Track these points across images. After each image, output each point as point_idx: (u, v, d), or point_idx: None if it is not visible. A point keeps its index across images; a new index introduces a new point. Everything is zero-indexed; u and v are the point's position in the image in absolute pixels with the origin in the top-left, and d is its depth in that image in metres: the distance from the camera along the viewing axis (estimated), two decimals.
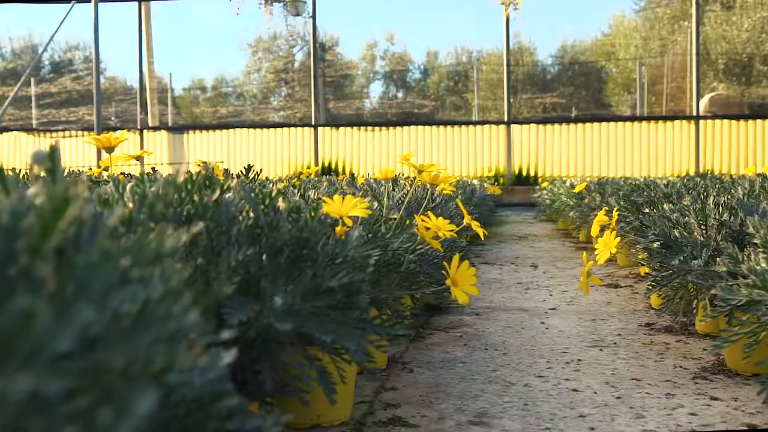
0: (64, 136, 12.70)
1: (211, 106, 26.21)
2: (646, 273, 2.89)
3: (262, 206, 1.08)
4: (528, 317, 2.46)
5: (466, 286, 1.33)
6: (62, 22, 9.67)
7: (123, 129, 10.32)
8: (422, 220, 1.41)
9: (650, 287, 1.87)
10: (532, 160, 11.47)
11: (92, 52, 11.55)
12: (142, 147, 12.33)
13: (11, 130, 13.12)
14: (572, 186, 5.69)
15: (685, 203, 2.11)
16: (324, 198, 1.28)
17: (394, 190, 2.11)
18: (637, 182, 4.23)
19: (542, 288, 3.12)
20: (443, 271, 1.34)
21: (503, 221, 7.63)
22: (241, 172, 2.03)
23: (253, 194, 1.08)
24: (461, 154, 11.59)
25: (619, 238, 1.76)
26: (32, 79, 17.02)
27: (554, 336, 2.15)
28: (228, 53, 34.82)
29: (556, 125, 11.54)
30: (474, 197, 4.12)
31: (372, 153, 11.81)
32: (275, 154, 12.03)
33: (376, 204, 1.47)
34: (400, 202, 1.89)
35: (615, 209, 1.95)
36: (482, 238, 1.53)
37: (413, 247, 1.37)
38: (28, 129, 13.72)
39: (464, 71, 28.33)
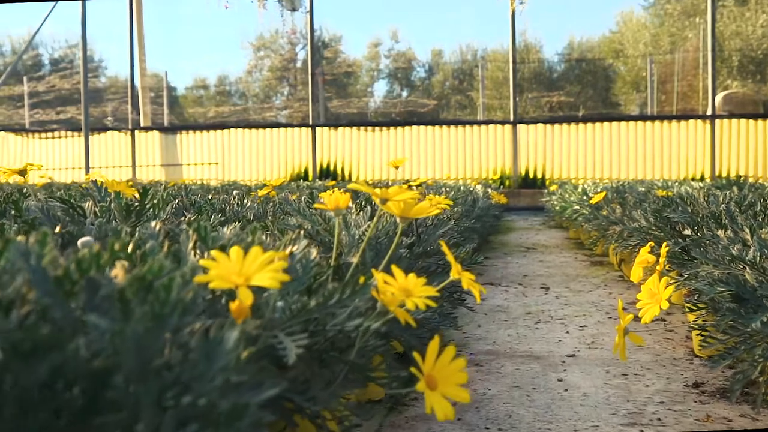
0: (53, 137, 12.23)
1: (215, 105, 25.74)
2: (685, 305, 2.38)
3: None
4: (541, 370, 1.95)
5: (451, 387, 0.84)
6: (45, 19, 9.22)
7: (115, 129, 9.84)
8: (384, 281, 0.91)
9: (715, 358, 1.35)
10: (539, 161, 10.95)
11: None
12: (133, 148, 11.86)
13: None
14: (585, 192, 5.18)
15: (746, 231, 1.60)
16: (214, 255, 0.77)
17: (360, 213, 1.60)
18: (661, 189, 3.73)
19: (556, 321, 2.62)
20: (412, 368, 0.84)
21: (509, 227, 7.12)
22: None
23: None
24: (465, 155, 11.07)
25: (671, 288, 1.25)
26: (25, 78, 16.59)
27: (576, 404, 1.65)
28: (230, 51, 34.31)
29: (564, 125, 11.02)
30: (476, 208, 3.63)
31: (373, 154, 11.31)
32: (271, 156, 11.54)
33: (314, 252, 0.98)
34: (360, 239, 1.39)
35: (664, 246, 1.44)
36: (477, 299, 1.05)
37: (369, 323, 0.87)
38: (16, 129, 13.27)
39: (469, 70, 27.78)
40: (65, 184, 8.26)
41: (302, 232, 1.28)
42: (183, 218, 1.58)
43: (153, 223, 1.07)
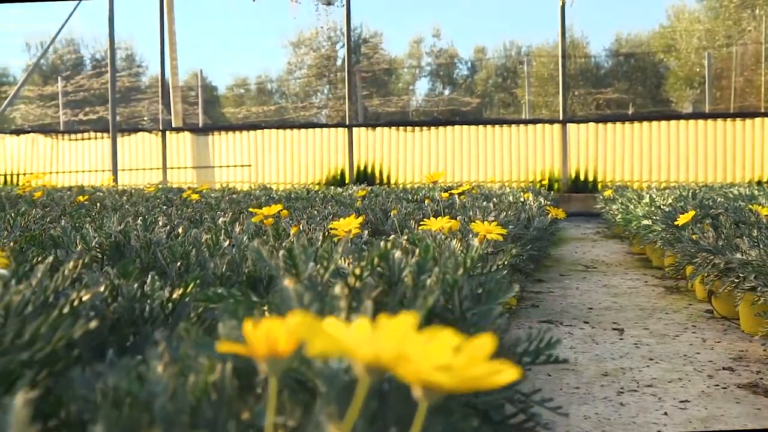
0: (82, 138, 11.85)
1: (255, 105, 25.37)
2: None
3: None
4: None
5: None
6: (70, 16, 8.79)
7: (145, 130, 9.40)
8: None
9: None
10: (590, 163, 10.23)
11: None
12: (164, 150, 11.42)
13: (28, 132, 12.32)
14: (652, 202, 4.52)
15: None
16: None
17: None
18: (759, 205, 3.06)
19: (644, 390, 1.99)
20: None
21: (562, 238, 6.46)
22: None
23: None
24: (511, 156, 10.40)
25: None
26: (59, 78, 16.31)
27: None
28: (270, 49, 33.98)
29: (618, 124, 10.27)
30: (531, 228, 3.01)
31: (413, 156, 10.70)
32: (306, 158, 10.99)
33: None
34: None
35: None
36: None
37: None
38: (46, 130, 12.94)
39: (513, 67, 27.02)
40: (93, 187, 7.84)
41: None
42: None
43: None
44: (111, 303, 0.97)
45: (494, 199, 4.62)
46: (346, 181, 10.74)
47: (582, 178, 10.19)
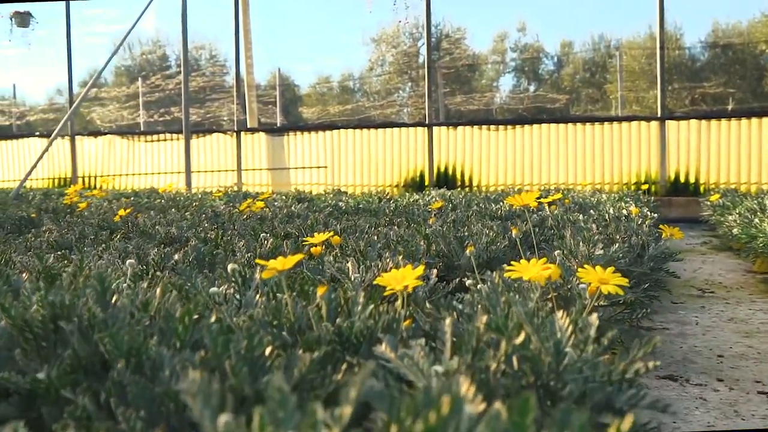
0: (158, 140, 11.65)
1: (337, 104, 25.07)
2: None
3: None
4: None
5: None
6: (140, 17, 8.50)
7: (220, 131, 9.09)
8: None
9: None
10: (691, 163, 9.35)
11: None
12: (239, 151, 11.10)
13: (106, 134, 12.22)
14: None
15: None
16: None
17: None
18: None
19: None
20: None
21: None
22: None
23: None
24: (604, 157, 9.62)
25: None
26: (140, 79, 16.28)
27: None
28: (352, 46, 33.69)
29: (723, 121, 9.35)
30: (645, 257, 2.38)
31: (496, 156, 10.04)
32: (383, 159, 10.48)
33: None
34: None
35: None
36: None
37: None
38: (123, 132, 12.80)
39: (601, 61, 25.92)
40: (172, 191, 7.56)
41: None
42: None
43: None
44: None
45: (591, 210, 3.99)
46: (426, 183, 10.18)
47: (682, 180, 9.34)
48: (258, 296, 1.34)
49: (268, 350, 0.98)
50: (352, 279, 1.68)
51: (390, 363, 0.99)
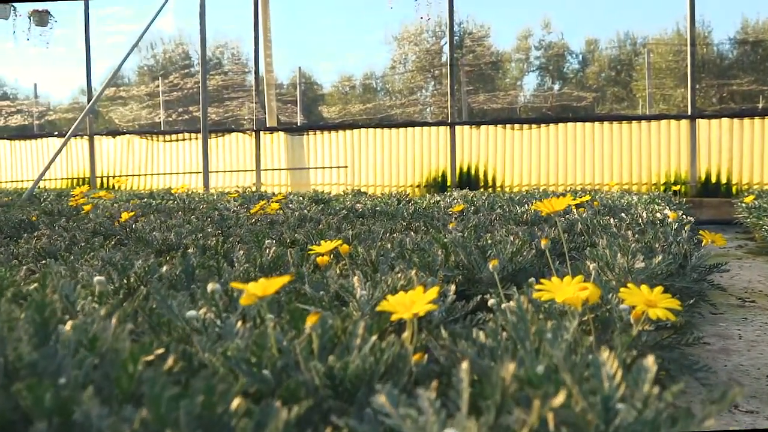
0: (177, 139, 11.51)
1: (361, 103, 24.87)
2: None
3: None
4: None
5: None
6: (155, 17, 8.34)
7: (238, 131, 8.93)
8: None
9: None
10: (723, 163, 9.03)
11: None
12: (257, 150, 10.93)
13: (124, 133, 12.10)
14: None
15: None
16: None
17: None
18: None
19: None
20: None
21: None
22: None
23: None
24: (632, 156, 9.33)
25: None
26: (159, 78, 16.17)
27: None
28: (374, 45, 33.49)
29: (757, 119, 9.02)
30: (688, 267, 2.15)
31: (520, 156, 9.79)
32: (405, 159, 10.25)
33: None
34: None
35: None
36: None
37: None
38: (141, 132, 12.66)
39: (627, 59, 25.51)
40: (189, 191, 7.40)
41: None
42: None
43: None
44: None
45: (622, 214, 3.74)
46: (448, 184, 9.95)
47: (713, 180, 9.03)
48: (240, 323, 1.13)
49: (235, 403, 0.77)
50: (358, 297, 1.47)
51: (390, 419, 0.78)
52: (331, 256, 2.01)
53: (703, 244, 2.75)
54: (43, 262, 2.05)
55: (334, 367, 0.92)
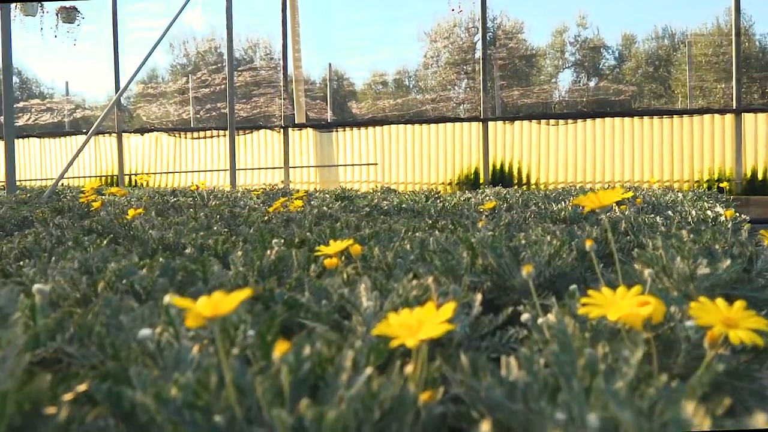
0: (205, 136, 11.35)
1: (393, 99, 24.61)
2: None
3: None
4: None
5: None
6: (178, 14, 8.15)
7: (267, 127, 8.72)
8: None
9: None
10: None
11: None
12: (286, 148, 10.72)
13: (152, 130, 11.97)
14: None
15: None
16: None
17: None
18: None
19: None
20: None
21: None
22: None
23: None
24: (672, 153, 8.95)
25: None
26: (189, 75, 16.06)
27: None
28: (406, 42, 33.22)
29: None
30: (753, 273, 1.87)
31: (555, 152, 9.45)
32: (436, 155, 9.97)
33: None
34: None
35: None
36: None
37: None
38: (170, 129, 12.53)
39: (665, 54, 24.94)
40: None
41: None
42: None
43: None
44: None
45: (668, 212, 3.43)
46: (480, 181, 9.65)
47: (760, 177, 8.61)
48: (197, 348, 0.88)
49: None
50: (363, 310, 1.21)
51: None
52: (343, 257, 1.75)
53: (766, 245, 2.45)
54: (20, 263, 1.83)
55: (304, 417, 0.66)
